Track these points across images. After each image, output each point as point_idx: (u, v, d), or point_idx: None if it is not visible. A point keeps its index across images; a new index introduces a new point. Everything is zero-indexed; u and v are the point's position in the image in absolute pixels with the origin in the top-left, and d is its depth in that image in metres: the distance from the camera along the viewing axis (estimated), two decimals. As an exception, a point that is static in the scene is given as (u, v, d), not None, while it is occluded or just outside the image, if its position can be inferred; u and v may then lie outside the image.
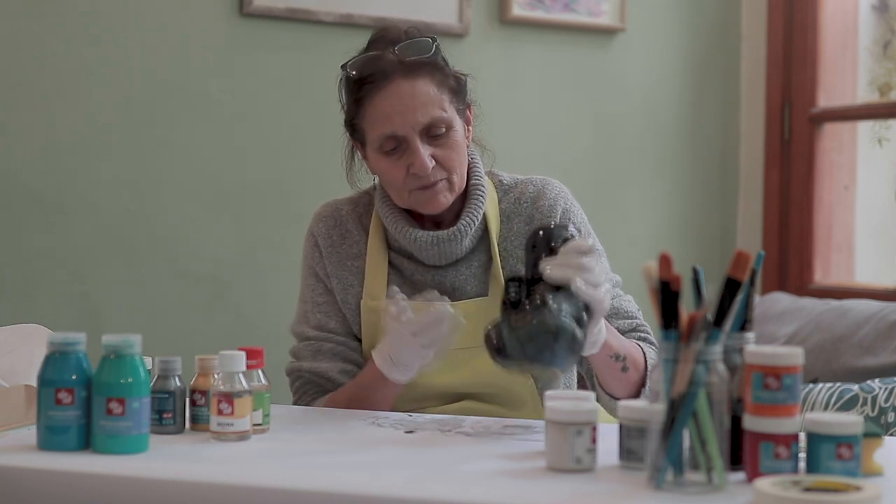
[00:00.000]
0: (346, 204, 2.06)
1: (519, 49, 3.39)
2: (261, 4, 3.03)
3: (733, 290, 1.35)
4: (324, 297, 2.01)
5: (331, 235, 2.02)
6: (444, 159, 1.91)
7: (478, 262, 1.98)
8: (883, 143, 3.58)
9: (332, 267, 2.00)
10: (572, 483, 1.35)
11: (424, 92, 1.89)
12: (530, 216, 2.00)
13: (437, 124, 1.90)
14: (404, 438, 1.63)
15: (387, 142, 1.90)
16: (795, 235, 3.59)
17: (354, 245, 2.01)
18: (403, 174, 1.91)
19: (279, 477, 1.37)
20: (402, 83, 1.89)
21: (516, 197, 2.02)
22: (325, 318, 2.00)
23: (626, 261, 3.56)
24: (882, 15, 3.70)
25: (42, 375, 1.49)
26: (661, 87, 3.60)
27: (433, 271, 1.98)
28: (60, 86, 2.87)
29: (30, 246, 2.85)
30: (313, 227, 2.05)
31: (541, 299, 1.56)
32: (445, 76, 1.94)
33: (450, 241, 1.95)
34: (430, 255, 1.96)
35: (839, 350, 2.94)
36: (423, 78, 1.90)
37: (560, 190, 2.04)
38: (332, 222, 2.03)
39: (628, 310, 1.99)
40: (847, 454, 1.32)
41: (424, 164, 1.88)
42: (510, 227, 2.00)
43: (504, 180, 2.06)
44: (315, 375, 1.98)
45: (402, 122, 1.88)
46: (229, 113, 3.04)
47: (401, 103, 1.88)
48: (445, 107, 1.91)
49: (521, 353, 1.55)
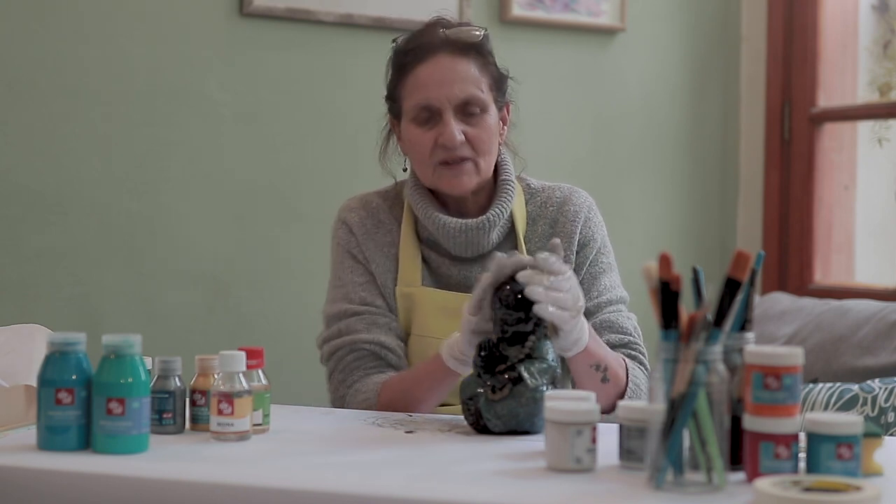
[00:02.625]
0: (375, 197, 2.08)
1: (519, 49, 3.39)
2: (261, 4, 3.03)
3: (733, 290, 1.35)
4: (365, 276, 2.01)
5: (364, 224, 2.03)
6: (475, 138, 1.94)
7: None
8: (883, 143, 3.58)
9: (370, 252, 2.01)
10: (572, 483, 1.35)
11: (465, 69, 1.94)
12: (554, 219, 2.03)
13: (472, 102, 1.94)
14: (404, 438, 1.63)
15: (421, 112, 1.93)
16: (795, 235, 3.59)
17: (388, 234, 2.03)
18: (431, 145, 1.93)
19: (279, 477, 1.37)
20: (445, 58, 1.94)
21: (543, 200, 2.05)
22: (371, 295, 1.99)
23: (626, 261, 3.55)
24: (882, 15, 3.70)
25: (42, 375, 1.49)
26: (661, 87, 3.60)
27: (459, 265, 2.00)
28: (60, 85, 2.87)
29: (29, 246, 2.85)
30: (345, 217, 2.05)
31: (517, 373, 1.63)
32: (488, 63, 1.99)
33: (478, 229, 1.97)
34: (456, 243, 1.98)
35: (839, 350, 2.94)
36: (467, 58, 1.95)
37: (586, 199, 2.07)
38: (365, 213, 2.04)
39: (624, 325, 1.98)
40: (847, 454, 1.32)
41: (453, 134, 1.91)
42: (535, 229, 2.03)
43: (532, 185, 2.09)
44: (379, 346, 1.95)
45: (438, 94, 1.92)
46: (229, 113, 3.04)
47: (441, 75, 1.92)
48: (483, 88, 1.95)
49: (503, 426, 1.64)
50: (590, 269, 2.02)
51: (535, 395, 1.62)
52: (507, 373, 1.64)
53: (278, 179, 3.09)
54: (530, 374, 1.63)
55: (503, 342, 1.67)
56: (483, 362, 1.67)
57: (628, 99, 3.56)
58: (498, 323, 1.67)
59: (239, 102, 3.04)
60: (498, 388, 1.63)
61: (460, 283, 2.00)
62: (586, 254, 2.03)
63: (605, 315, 1.98)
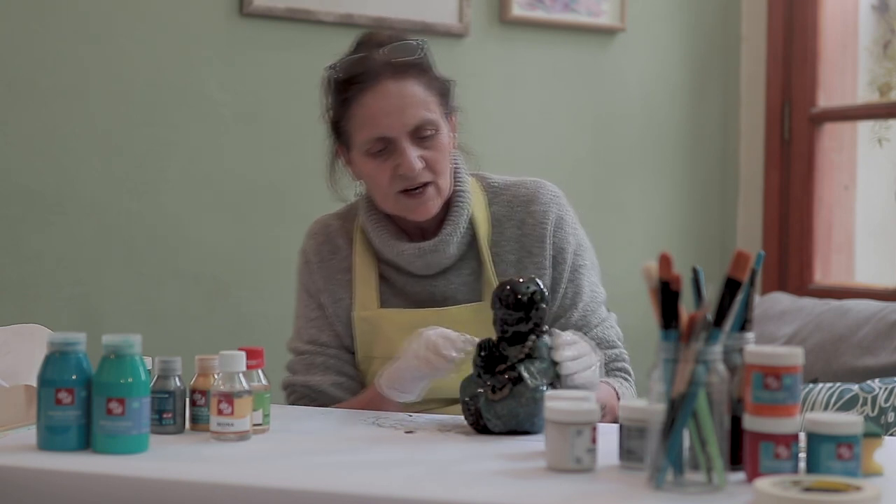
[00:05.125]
0: (335, 219, 2.06)
1: (519, 49, 3.39)
2: (261, 4, 3.03)
3: (733, 290, 1.35)
4: (315, 312, 2.02)
5: (320, 252, 2.03)
6: (432, 161, 1.90)
7: (468, 269, 1.97)
8: (883, 143, 3.58)
9: (322, 282, 2.01)
10: (572, 483, 1.35)
11: (413, 93, 1.89)
12: (522, 220, 1.98)
13: (425, 126, 1.89)
14: (404, 438, 1.63)
15: (374, 144, 1.89)
16: (795, 235, 3.59)
17: (344, 259, 2.01)
18: (389, 176, 1.89)
19: (279, 477, 1.37)
20: (391, 84, 1.88)
21: (508, 200, 2.00)
22: (318, 332, 2.01)
23: (626, 261, 3.56)
24: (882, 15, 3.70)
25: (42, 375, 1.49)
26: (661, 87, 3.60)
27: (424, 281, 1.98)
28: (60, 85, 2.87)
29: (29, 246, 2.85)
30: (304, 245, 2.06)
31: (517, 373, 1.64)
32: (432, 79, 1.93)
33: (434, 251, 1.94)
34: (416, 266, 1.96)
35: (839, 350, 2.94)
36: (412, 79, 1.89)
37: (553, 195, 2.01)
38: (322, 238, 2.04)
39: (611, 339, 1.98)
40: (847, 454, 1.32)
41: (412, 164, 1.87)
42: (501, 231, 1.98)
43: (493, 182, 2.03)
44: (308, 389, 1.99)
45: (391, 124, 1.87)
46: (229, 113, 3.04)
47: (389, 104, 1.87)
48: (433, 108, 1.91)
49: (503, 426, 1.64)
50: (571, 277, 1.98)
51: (535, 395, 1.62)
52: (507, 373, 1.64)
53: (278, 179, 3.09)
54: (530, 374, 1.63)
55: (503, 342, 1.68)
56: (483, 362, 1.67)
57: (628, 99, 3.56)
58: (498, 323, 1.68)
59: (239, 102, 3.04)
60: (498, 388, 1.63)
61: (425, 299, 1.97)
62: (564, 259, 1.98)
63: (595, 332, 1.97)
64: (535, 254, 1.96)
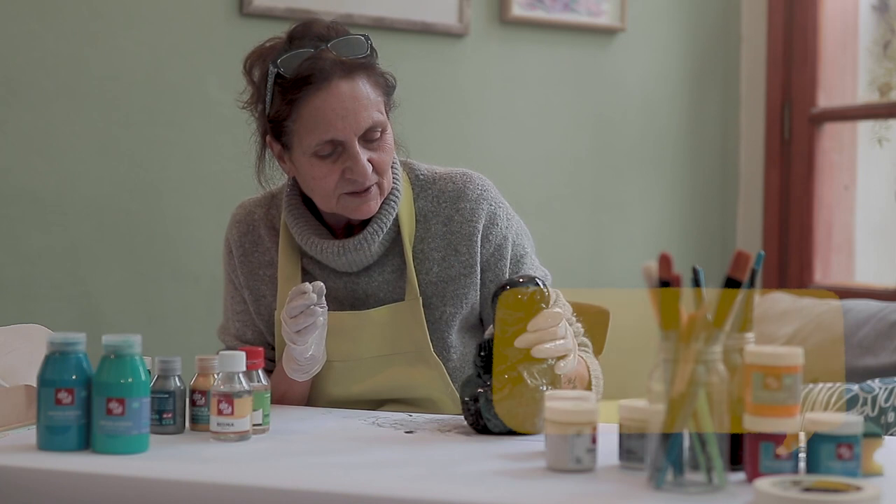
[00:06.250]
0: (259, 206, 1.98)
1: (519, 49, 3.39)
2: (261, 4, 3.03)
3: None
4: (241, 306, 1.97)
5: (243, 243, 1.95)
6: (379, 163, 1.83)
7: (391, 267, 1.90)
8: (883, 143, 3.58)
9: (244, 277, 1.95)
10: (572, 483, 1.35)
11: (364, 94, 1.81)
12: (449, 217, 1.91)
13: (374, 128, 1.82)
14: (404, 438, 1.63)
15: (324, 146, 1.81)
16: (795, 235, 3.59)
17: (266, 252, 1.94)
18: (336, 179, 1.82)
19: (279, 477, 1.37)
20: (342, 84, 1.80)
21: (434, 195, 1.92)
22: (244, 327, 1.96)
23: (626, 261, 3.57)
24: (882, 15, 3.70)
25: (42, 375, 1.49)
26: (661, 88, 3.60)
27: (345, 278, 1.91)
28: (60, 85, 2.87)
29: (29, 246, 2.85)
30: (227, 233, 1.98)
31: (516, 373, 1.63)
32: (379, 76, 1.86)
33: (356, 249, 1.86)
34: (339, 263, 1.89)
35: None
36: (361, 78, 1.82)
37: (483, 189, 1.93)
38: (245, 228, 1.96)
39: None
40: (847, 454, 1.32)
41: (364, 169, 1.80)
42: (427, 227, 1.91)
43: (420, 175, 1.95)
44: None
45: (344, 127, 1.79)
46: (229, 113, 3.03)
47: (342, 107, 1.79)
48: (381, 108, 1.84)
49: (503, 426, 1.63)
50: (514, 269, 1.92)
51: (535, 395, 1.62)
52: (507, 373, 1.64)
53: (278, 179, 3.09)
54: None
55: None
56: (483, 362, 1.67)
57: (628, 99, 3.56)
58: (498, 323, 1.67)
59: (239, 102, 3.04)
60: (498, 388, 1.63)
61: (347, 296, 1.91)
62: (503, 255, 1.92)
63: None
64: (461, 252, 1.90)
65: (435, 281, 1.89)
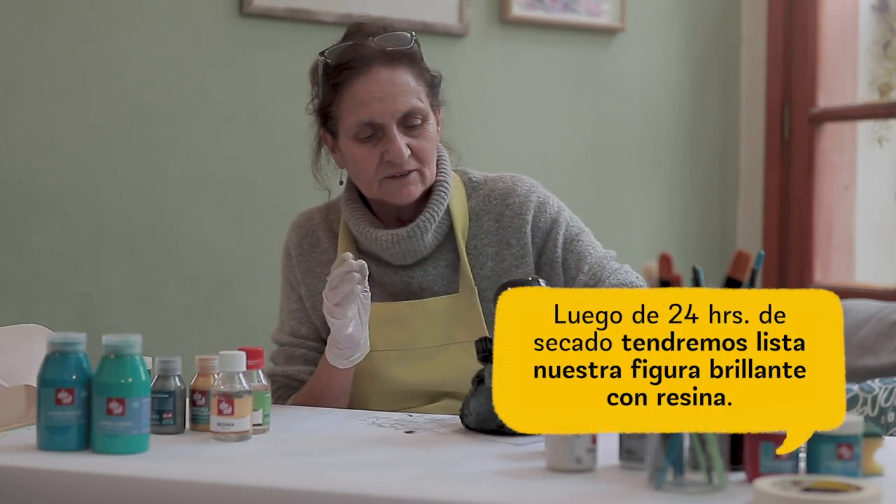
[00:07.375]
0: (318, 213, 2.08)
1: (519, 49, 3.39)
2: (261, 4, 3.03)
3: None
4: (297, 304, 2.04)
5: (301, 245, 2.05)
6: (419, 150, 1.92)
7: (445, 261, 1.98)
8: (883, 143, 3.58)
9: (301, 275, 2.03)
10: (572, 483, 1.35)
11: (404, 81, 1.91)
12: (500, 213, 1.98)
13: (414, 114, 1.91)
14: (404, 438, 1.63)
15: (363, 129, 1.90)
16: (795, 235, 3.59)
17: (324, 253, 2.02)
18: (377, 162, 1.91)
19: (279, 477, 1.37)
20: (382, 70, 1.90)
21: (486, 194, 2.01)
22: (298, 324, 2.03)
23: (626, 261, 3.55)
24: (882, 15, 3.70)
25: (42, 375, 1.49)
26: (661, 87, 3.60)
27: (401, 272, 1.98)
28: (60, 85, 2.87)
29: (29, 246, 2.85)
30: (287, 238, 2.08)
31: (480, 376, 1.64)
32: (423, 70, 1.96)
33: (410, 238, 1.94)
34: (393, 253, 1.96)
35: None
36: (403, 68, 1.92)
37: (531, 185, 2.02)
38: (304, 231, 2.06)
39: (630, 281, 1.95)
40: (847, 454, 1.32)
41: (400, 151, 1.88)
42: (479, 224, 1.99)
43: (473, 178, 2.05)
44: (288, 378, 2.00)
45: (381, 110, 1.89)
46: (229, 113, 3.04)
47: (380, 90, 1.89)
48: (422, 98, 1.93)
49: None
50: (569, 248, 1.98)
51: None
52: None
53: (278, 179, 3.09)
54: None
55: None
56: (483, 361, 1.67)
57: (628, 99, 3.56)
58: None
59: (238, 102, 3.04)
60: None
61: (402, 290, 1.98)
62: (556, 237, 1.98)
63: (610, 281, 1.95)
64: (512, 245, 1.97)
65: (489, 275, 1.95)
